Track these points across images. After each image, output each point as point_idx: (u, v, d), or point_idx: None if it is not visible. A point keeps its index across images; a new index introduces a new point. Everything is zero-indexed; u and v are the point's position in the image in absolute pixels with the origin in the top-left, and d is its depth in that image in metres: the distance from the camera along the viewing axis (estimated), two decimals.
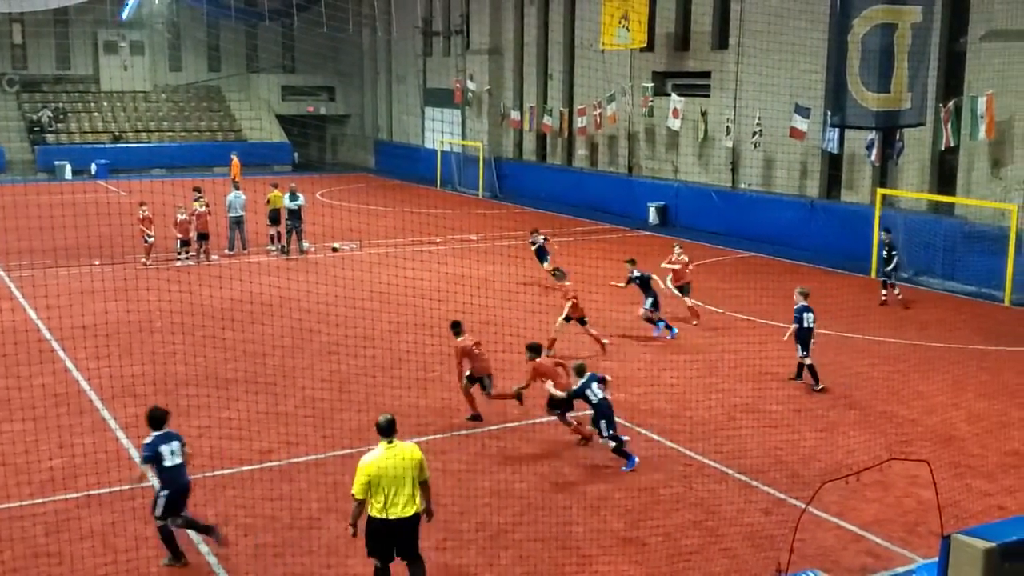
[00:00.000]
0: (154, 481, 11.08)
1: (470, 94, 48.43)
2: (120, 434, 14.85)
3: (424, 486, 9.97)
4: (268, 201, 30.24)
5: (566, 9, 43.49)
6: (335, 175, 52.63)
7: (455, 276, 23.11)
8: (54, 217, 21.39)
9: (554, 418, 14.76)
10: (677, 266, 21.86)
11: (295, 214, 29.42)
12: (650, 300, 20.60)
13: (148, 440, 10.84)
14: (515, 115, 46.18)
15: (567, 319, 19.29)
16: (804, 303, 17.44)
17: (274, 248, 29.89)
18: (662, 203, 37.29)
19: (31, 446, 14.15)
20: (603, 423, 13.76)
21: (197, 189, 29.29)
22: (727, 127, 35.06)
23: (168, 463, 10.75)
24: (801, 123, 30.91)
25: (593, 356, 18.36)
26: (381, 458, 9.68)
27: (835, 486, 12.00)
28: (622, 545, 11.55)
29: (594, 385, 13.92)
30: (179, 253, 28.01)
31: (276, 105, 57.56)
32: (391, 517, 9.60)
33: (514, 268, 24.68)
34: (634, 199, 38.47)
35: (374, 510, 9.65)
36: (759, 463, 13.89)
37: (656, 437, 15.05)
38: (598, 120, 40.24)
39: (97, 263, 26.26)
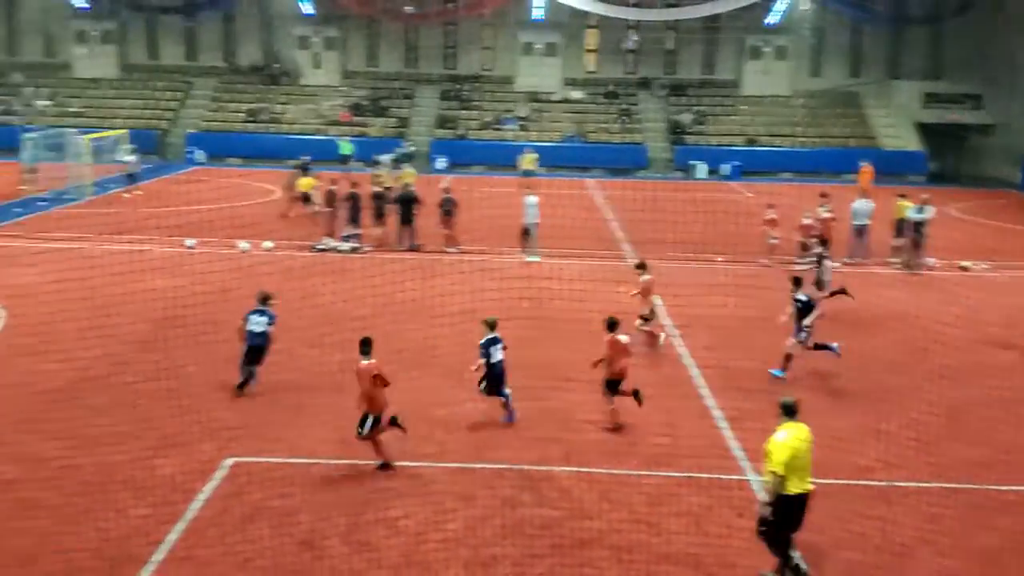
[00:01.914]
0: None
1: None
2: (723, 424, 15.32)
3: None
4: (896, 210, 29.19)
5: None
6: (973, 189, 49.07)
7: None
8: (685, 213, 23.01)
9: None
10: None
11: (919, 227, 28.06)
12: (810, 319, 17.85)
13: None
14: None
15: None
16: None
17: (897, 261, 28.77)
18: None
19: (642, 421, 15.22)
20: (492, 383, 14.97)
21: (824, 195, 29.18)
22: None
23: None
24: None
25: None
26: (794, 437, 10.43)
27: None
28: None
29: (496, 346, 15.02)
30: (800, 257, 28.14)
31: (916, 112, 55.20)
32: (803, 492, 10.39)
33: None
34: None
35: (792, 487, 10.31)
36: None
37: None
38: None
39: (720, 259, 27.41)
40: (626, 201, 39.53)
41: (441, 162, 50.51)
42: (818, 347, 17.79)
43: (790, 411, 10.67)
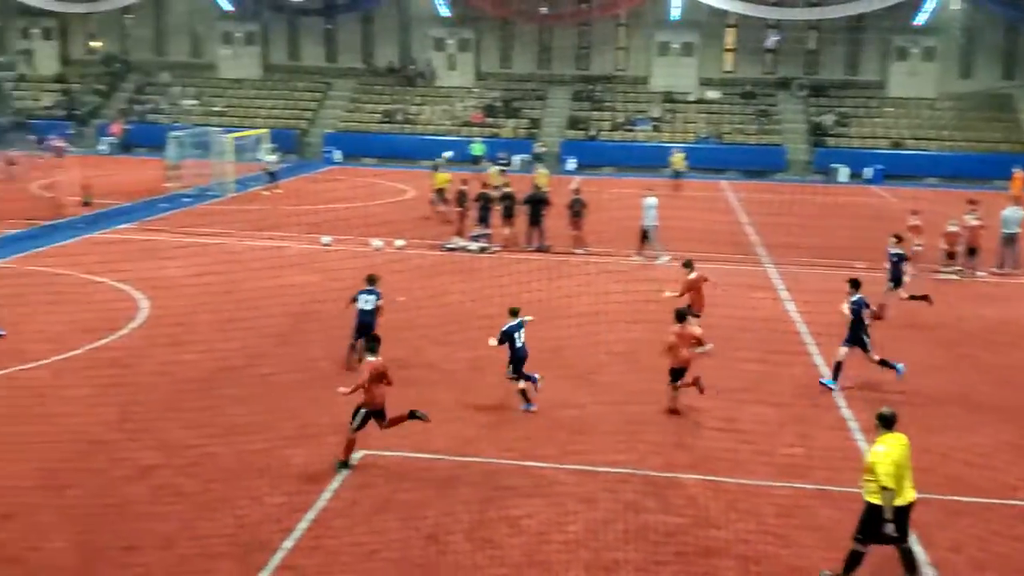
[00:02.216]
0: None
1: None
2: (858, 435, 14.79)
3: None
4: None
5: None
6: None
7: None
8: (824, 217, 22.34)
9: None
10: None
11: None
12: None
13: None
14: None
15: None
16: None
17: None
18: None
19: (775, 430, 14.85)
20: (515, 366, 15.50)
21: (972, 201, 27.94)
22: None
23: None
24: None
25: None
26: (895, 448, 10.17)
27: None
28: None
29: (520, 332, 15.52)
30: (943, 265, 26.98)
31: None
32: (905, 503, 10.15)
33: None
34: None
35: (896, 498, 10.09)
36: None
37: None
38: None
39: (860, 265, 26.57)
40: (762, 204, 38.77)
41: (571, 163, 50.46)
42: (883, 363, 16.93)
43: (888, 422, 10.40)
